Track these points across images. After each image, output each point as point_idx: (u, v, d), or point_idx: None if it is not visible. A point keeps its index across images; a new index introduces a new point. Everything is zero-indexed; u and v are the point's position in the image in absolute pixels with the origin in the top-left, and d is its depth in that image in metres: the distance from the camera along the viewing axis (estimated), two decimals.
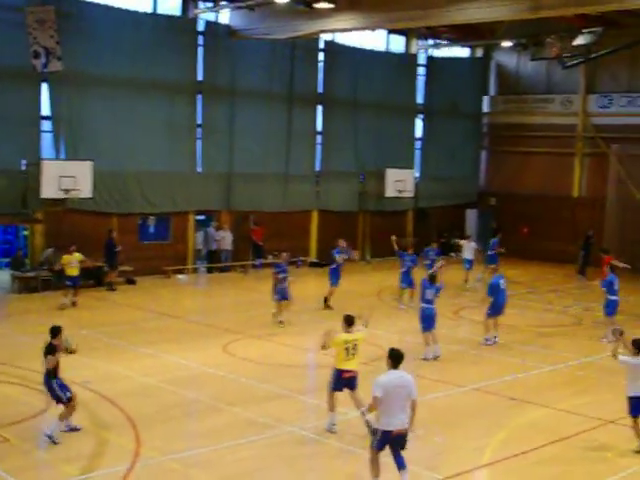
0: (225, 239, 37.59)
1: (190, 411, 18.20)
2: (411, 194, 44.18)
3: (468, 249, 35.88)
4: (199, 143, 37.22)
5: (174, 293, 33.19)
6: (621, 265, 30.13)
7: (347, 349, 16.10)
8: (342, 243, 30.51)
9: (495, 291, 24.64)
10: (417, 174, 46.02)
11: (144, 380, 19.86)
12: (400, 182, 42.92)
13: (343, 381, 16.27)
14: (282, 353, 23.37)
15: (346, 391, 16.39)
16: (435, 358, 22.50)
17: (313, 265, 39.94)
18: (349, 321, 16.42)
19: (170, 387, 19.28)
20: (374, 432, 13.45)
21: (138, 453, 14.87)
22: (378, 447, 13.25)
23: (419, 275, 29.22)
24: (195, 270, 37.50)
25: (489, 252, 36.68)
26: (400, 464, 13.18)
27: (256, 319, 27.30)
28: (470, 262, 35.54)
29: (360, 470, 14.58)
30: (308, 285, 33.36)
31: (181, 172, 36.30)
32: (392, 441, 13.13)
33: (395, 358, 13.38)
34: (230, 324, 26.67)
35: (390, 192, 42.78)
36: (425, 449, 15.40)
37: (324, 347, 16.78)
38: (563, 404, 18.90)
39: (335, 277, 29.77)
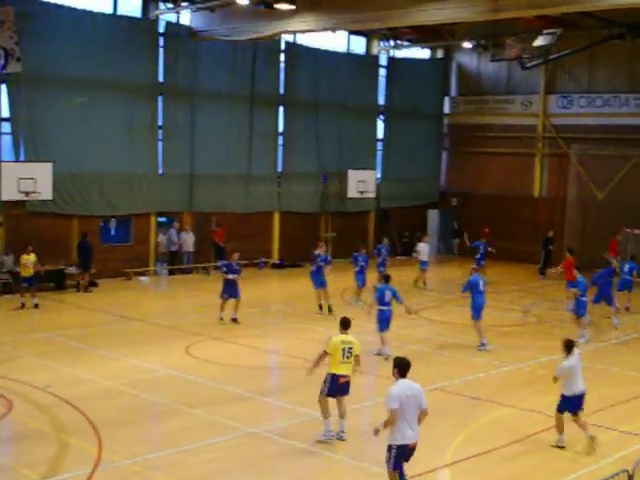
0: (187, 241, 37.44)
1: (152, 414, 18.09)
2: (373, 195, 44.24)
3: (424, 250, 35.90)
4: (160, 144, 37.05)
5: (136, 295, 32.99)
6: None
7: (343, 350, 15.73)
8: (322, 247, 30.34)
9: (473, 290, 24.56)
10: (379, 175, 46.11)
11: (106, 383, 19.72)
12: (362, 183, 42.97)
13: (338, 386, 15.81)
14: (244, 355, 23.32)
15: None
16: (386, 359, 22.40)
17: (275, 266, 39.89)
18: (345, 324, 16.20)
19: (132, 390, 19.16)
20: (388, 449, 12.53)
21: (100, 457, 14.75)
22: (396, 466, 12.51)
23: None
24: (157, 272, 37.30)
25: (477, 256, 36.64)
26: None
27: (218, 321, 27.18)
28: (425, 263, 35.65)
29: (325, 470, 14.60)
30: (270, 286, 33.31)
31: (142, 173, 36.12)
32: (407, 455, 12.57)
33: (403, 367, 12.64)
34: (192, 326, 26.58)
35: (352, 193, 42.83)
36: None
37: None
38: (525, 403, 19.01)
39: (317, 279, 29.51)
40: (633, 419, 18.11)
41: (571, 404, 16.04)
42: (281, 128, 41.72)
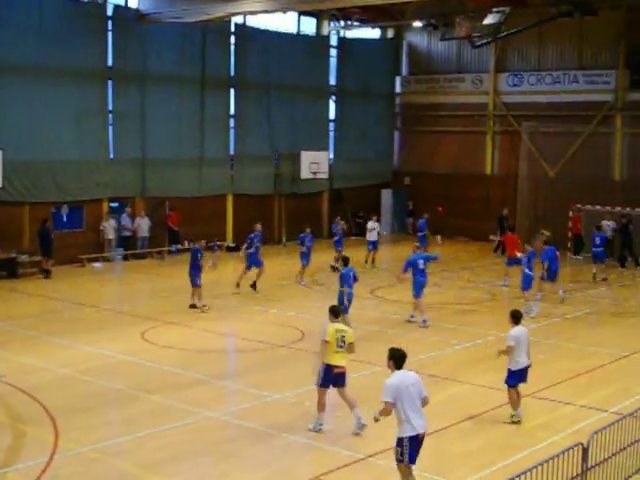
0: (142, 226, 37.19)
1: (109, 400, 18.02)
2: (326, 176, 44.22)
3: (372, 230, 35.96)
4: (111, 129, 36.73)
5: (90, 282, 32.66)
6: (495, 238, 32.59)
7: (337, 340, 15.23)
8: (258, 227, 30.30)
9: (413, 268, 24.74)
10: (331, 155, 46.09)
11: (61, 371, 19.59)
12: (315, 164, 42.95)
13: (332, 377, 15.36)
14: (201, 339, 23.28)
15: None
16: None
17: (230, 249, 39.77)
18: (336, 312, 15.88)
19: (88, 377, 19.05)
20: (398, 443, 12.14)
21: (57, 445, 14.67)
22: (411, 459, 12.13)
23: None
24: (111, 258, 37.02)
25: (419, 234, 36.97)
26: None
27: (174, 305, 27.14)
28: (374, 243, 35.76)
29: (283, 452, 14.62)
30: (225, 270, 33.22)
31: (93, 159, 35.79)
32: (419, 446, 12.23)
33: (398, 359, 12.35)
34: (148, 311, 26.46)
35: (305, 174, 42.80)
36: (345, 429, 15.45)
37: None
38: (481, 380, 19.16)
39: (254, 260, 29.62)
40: (587, 393, 18.33)
41: (517, 376, 16.26)
42: (232, 110, 41.51)
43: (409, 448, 12.00)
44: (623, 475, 12.83)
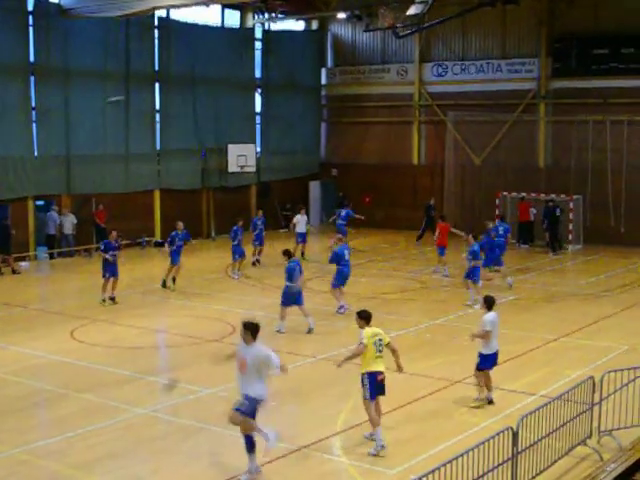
0: (66, 223, 36.72)
1: (39, 401, 17.79)
2: (253, 169, 44.08)
3: (301, 222, 35.91)
4: (34, 126, 36.23)
5: (16, 281, 32.23)
6: (457, 232, 31.16)
7: (375, 344, 14.45)
8: (180, 225, 30.06)
9: (340, 260, 24.99)
10: (259, 149, 46.00)
11: None
12: (242, 157, 42.80)
13: (379, 385, 14.49)
14: (130, 336, 23.10)
15: None
16: (309, 331, 22.72)
17: (158, 245, 39.50)
18: (366, 317, 14.82)
19: (16, 378, 18.82)
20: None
21: None
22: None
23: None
24: (37, 257, 36.52)
25: (339, 222, 37.15)
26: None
27: (100, 302, 26.83)
28: (303, 235, 35.74)
29: (215, 446, 14.60)
30: (153, 265, 33.05)
31: (17, 156, 35.22)
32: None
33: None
34: (76, 310, 26.18)
35: (232, 168, 42.63)
36: (279, 420, 15.45)
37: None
38: (412, 367, 19.18)
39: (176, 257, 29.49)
40: (516, 378, 18.58)
41: (489, 361, 16.69)
42: (158, 105, 41.19)
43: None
44: (552, 457, 13.04)
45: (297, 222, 35.80)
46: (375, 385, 14.37)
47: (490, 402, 16.66)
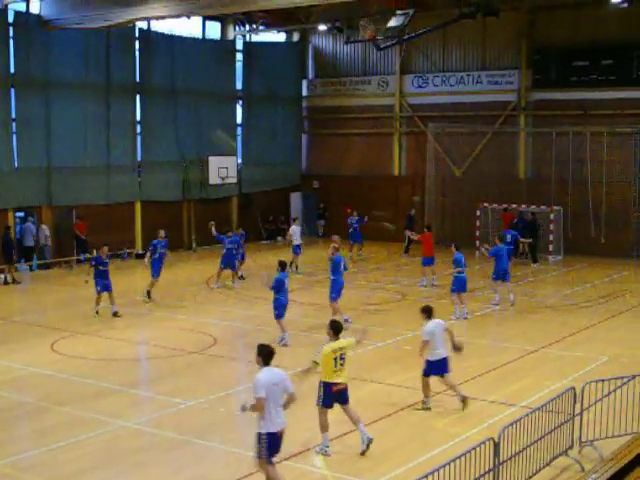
0: (40, 235, 36.49)
1: (19, 414, 17.69)
2: (234, 180, 44.08)
3: (297, 233, 35.80)
4: (14, 137, 36.11)
5: None
6: (413, 236, 32.51)
7: (335, 360, 14.62)
8: (161, 233, 30.05)
9: (335, 269, 24.76)
10: (240, 160, 46.00)
11: None
12: (223, 169, 42.78)
13: (333, 395, 14.78)
14: (111, 348, 23.02)
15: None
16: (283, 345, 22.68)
17: (139, 257, 39.40)
18: (337, 329, 14.94)
19: None
20: (258, 439, 12.46)
21: None
22: (269, 455, 12.50)
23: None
24: (17, 269, 36.31)
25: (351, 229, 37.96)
26: None
27: (83, 315, 26.78)
28: (299, 247, 35.57)
29: (198, 459, 14.56)
30: (135, 278, 32.99)
31: None
32: (278, 443, 12.60)
33: (267, 354, 12.48)
34: (56, 322, 26.05)
35: (213, 179, 42.59)
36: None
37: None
38: (393, 379, 19.34)
39: (157, 268, 29.46)
40: (497, 388, 18.64)
41: (436, 368, 16.89)
42: (139, 117, 41.13)
43: (267, 444, 12.34)
44: (534, 468, 13.06)
45: (293, 233, 35.61)
46: (330, 395, 14.72)
47: (427, 409, 16.95)
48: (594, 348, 22.43)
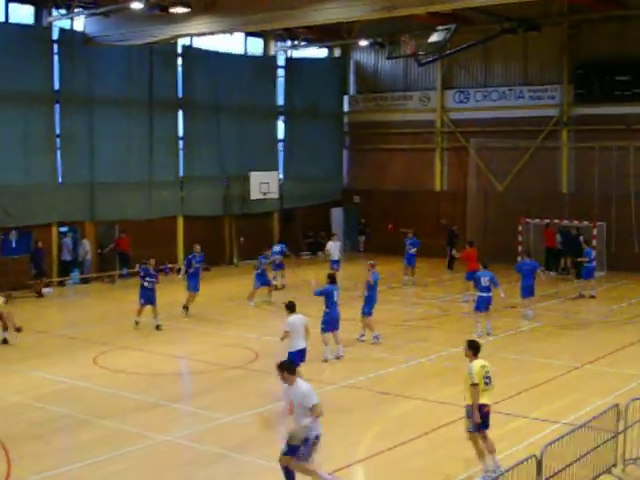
0: (80, 250, 36.77)
1: (60, 427, 17.79)
2: (276, 196, 44.16)
3: (334, 249, 35.79)
4: (59, 153, 36.45)
5: (40, 307, 32.34)
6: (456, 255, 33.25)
7: (484, 377, 14.29)
8: (197, 248, 30.19)
9: (370, 286, 24.87)
10: (281, 176, 46.09)
11: (12, 398, 19.35)
12: (265, 184, 42.88)
13: (485, 416, 14.29)
14: (153, 362, 23.11)
15: None
16: (338, 358, 22.67)
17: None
18: (476, 348, 14.56)
19: (39, 404, 18.83)
20: (306, 443, 13.06)
21: (9, 474, 14.49)
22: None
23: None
24: (62, 283, 36.61)
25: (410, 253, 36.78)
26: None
27: (125, 329, 26.91)
28: (337, 262, 35.52)
29: (238, 473, 14.55)
30: (176, 292, 33.06)
31: (41, 183, 35.42)
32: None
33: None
34: (99, 336, 26.19)
35: (255, 195, 42.69)
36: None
37: None
38: (433, 395, 19.23)
39: (194, 282, 29.62)
40: (540, 405, 18.46)
41: (297, 358, 18.75)
42: (181, 132, 41.37)
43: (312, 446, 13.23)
44: None
45: (330, 248, 35.68)
46: (482, 416, 14.25)
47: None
48: (638, 365, 22.18)
